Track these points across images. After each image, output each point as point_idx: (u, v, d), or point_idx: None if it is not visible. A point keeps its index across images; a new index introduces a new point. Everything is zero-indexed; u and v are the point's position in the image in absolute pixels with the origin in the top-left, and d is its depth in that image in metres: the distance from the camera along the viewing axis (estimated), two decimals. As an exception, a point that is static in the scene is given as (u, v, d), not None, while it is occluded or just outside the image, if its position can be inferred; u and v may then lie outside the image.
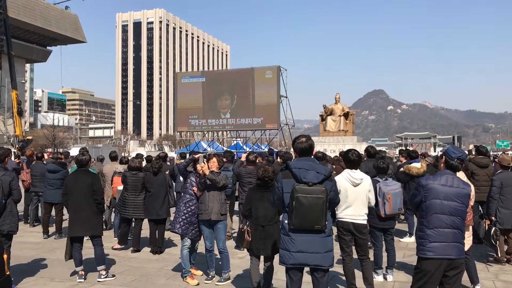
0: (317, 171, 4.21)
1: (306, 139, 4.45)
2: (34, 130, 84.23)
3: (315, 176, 4.17)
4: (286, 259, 4.29)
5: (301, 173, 4.18)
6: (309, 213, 4.10)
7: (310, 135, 5.03)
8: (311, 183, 4.13)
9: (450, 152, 4.42)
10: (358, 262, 5.96)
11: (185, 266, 6.64)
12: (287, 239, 4.27)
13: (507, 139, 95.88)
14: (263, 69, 38.65)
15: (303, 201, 4.08)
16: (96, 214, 6.90)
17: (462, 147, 48.29)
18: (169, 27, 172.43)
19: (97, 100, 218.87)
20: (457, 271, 4.23)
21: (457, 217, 4.22)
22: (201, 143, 41.79)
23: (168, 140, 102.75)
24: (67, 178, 7.20)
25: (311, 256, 4.22)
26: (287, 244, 4.27)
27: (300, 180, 4.16)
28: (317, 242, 4.22)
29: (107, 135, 54.19)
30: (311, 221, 4.12)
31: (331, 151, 27.53)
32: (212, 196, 6.47)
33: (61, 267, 7.46)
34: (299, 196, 4.09)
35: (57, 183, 10.18)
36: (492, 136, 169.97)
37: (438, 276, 4.18)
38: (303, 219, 4.12)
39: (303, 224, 4.14)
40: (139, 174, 8.88)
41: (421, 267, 4.25)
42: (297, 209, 4.10)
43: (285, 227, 4.28)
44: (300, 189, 4.11)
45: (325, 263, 4.27)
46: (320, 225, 4.14)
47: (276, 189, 4.37)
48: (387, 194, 6.29)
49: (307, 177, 4.16)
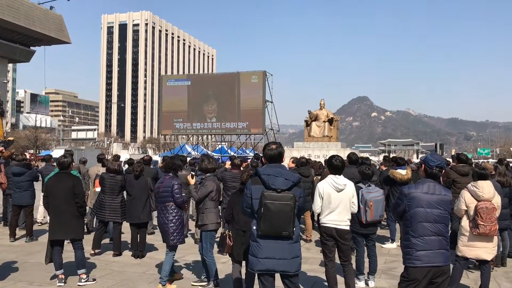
0: (285, 178, 4.23)
1: (276, 146, 4.49)
2: (16, 131, 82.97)
3: (284, 183, 4.20)
4: (254, 265, 4.31)
5: (270, 180, 4.21)
6: (277, 219, 4.12)
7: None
8: (279, 190, 4.16)
9: (429, 161, 4.45)
10: (341, 267, 5.99)
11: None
12: (255, 245, 4.29)
13: (488, 147, 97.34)
14: (249, 73, 38.70)
15: (271, 208, 4.11)
16: (77, 218, 6.81)
17: (444, 154, 48.88)
18: (155, 30, 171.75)
19: (81, 102, 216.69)
20: (444, 278, 4.28)
21: (441, 224, 4.27)
22: (185, 147, 41.63)
23: (152, 143, 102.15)
24: (48, 181, 7.11)
25: (278, 262, 4.24)
26: (255, 250, 4.29)
27: (268, 186, 4.19)
28: (284, 248, 4.25)
29: (90, 137, 53.59)
30: (279, 228, 4.15)
31: (315, 156, 27.61)
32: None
33: (41, 270, 7.35)
34: (267, 203, 4.11)
35: (25, 185, 10.05)
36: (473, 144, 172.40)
37: (425, 284, 4.22)
38: (271, 225, 4.14)
39: (271, 230, 4.16)
40: (117, 176, 8.78)
41: (408, 276, 4.28)
42: (265, 215, 4.12)
43: (254, 233, 4.30)
44: (269, 196, 4.13)
45: (291, 269, 4.30)
46: (288, 231, 4.17)
47: (245, 195, 4.39)
48: (369, 202, 6.33)
49: (275, 184, 4.18)
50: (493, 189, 6.02)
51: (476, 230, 5.86)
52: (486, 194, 5.93)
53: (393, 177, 9.08)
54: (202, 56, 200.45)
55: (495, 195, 6.00)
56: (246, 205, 4.39)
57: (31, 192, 10.31)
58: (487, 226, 5.78)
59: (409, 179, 8.99)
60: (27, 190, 10.15)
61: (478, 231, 5.83)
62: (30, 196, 10.24)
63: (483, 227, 5.78)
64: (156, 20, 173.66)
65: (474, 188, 6.02)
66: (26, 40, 58.13)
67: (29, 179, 10.27)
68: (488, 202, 5.90)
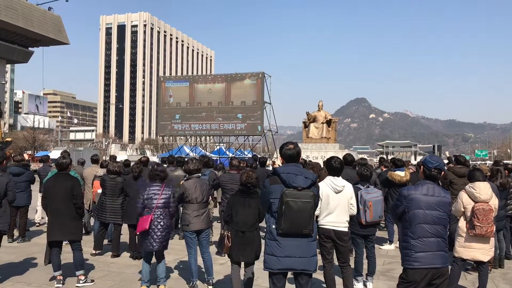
0: (305, 176, 4.25)
1: (294, 146, 4.50)
2: (14, 132, 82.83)
3: (304, 181, 4.21)
4: (272, 264, 4.28)
5: (290, 178, 4.21)
6: (298, 217, 4.13)
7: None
8: (300, 188, 4.16)
9: (427, 162, 4.45)
10: (339, 269, 6.00)
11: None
12: (274, 244, 4.27)
13: (485, 149, 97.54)
14: (247, 75, 38.70)
15: (292, 206, 4.11)
16: (75, 219, 6.80)
17: (442, 156, 48.96)
18: (154, 31, 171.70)
19: (79, 103, 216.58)
20: (443, 279, 4.29)
21: (440, 226, 4.28)
22: (183, 148, 41.59)
23: (150, 144, 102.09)
24: (47, 182, 7.10)
25: (298, 261, 4.24)
26: (274, 249, 4.27)
27: (289, 185, 4.19)
28: (304, 246, 4.25)
29: (89, 138, 53.51)
30: (300, 226, 4.15)
31: (313, 157, 27.64)
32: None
33: (39, 272, 7.34)
34: (288, 201, 4.10)
35: (22, 185, 10.05)
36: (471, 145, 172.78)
37: (423, 285, 4.23)
38: (293, 223, 4.14)
39: (292, 228, 4.16)
40: (118, 178, 8.81)
41: (407, 277, 4.28)
42: (286, 214, 4.12)
43: (273, 232, 4.28)
44: (290, 194, 4.13)
45: (310, 268, 4.31)
46: (308, 229, 4.19)
47: (264, 194, 4.39)
48: (368, 202, 6.34)
49: (296, 182, 4.18)
50: (490, 191, 6.04)
51: (472, 231, 5.89)
52: (483, 195, 5.95)
53: (391, 178, 9.10)
54: (200, 58, 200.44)
55: (492, 197, 6.02)
56: (266, 204, 4.38)
57: (28, 193, 10.34)
58: (484, 228, 5.81)
59: (408, 180, 9.01)
60: (24, 191, 10.16)
61: (475, 232, 5.86)
62: (27, 197, 10.27)
63: (480, 228, 5.81)
64: (155, 21, 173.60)
65: (472, 190, 6.03)
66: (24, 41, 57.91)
67: (27, 180, 10.28)
68: (485, 203, 5.92)
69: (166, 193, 6.38)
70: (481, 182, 6.06)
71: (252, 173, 5.83)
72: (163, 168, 6.74)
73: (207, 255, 6.67)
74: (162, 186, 6.40)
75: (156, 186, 6.39)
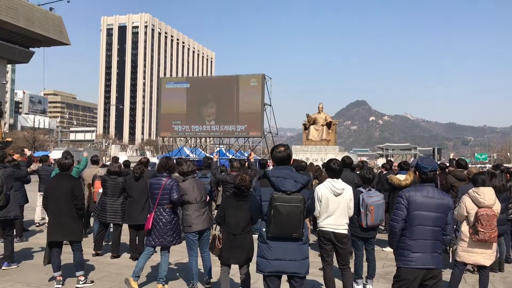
0: (295, 180, 4.23)
1: (284, 149, 4.48)
2: (14, 132, 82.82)
3: (293, 185, 4.20)
4: (263, 266, 4.30)
5: (279, 182, 4.20)
6: (287, 221, 4.12)
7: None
8: (289, 192, 4.16)
9: (422, 167, 4.40)
10: (339, 271, 6.00)
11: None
12: (265, 246, 4.28)
13: (485, 152, 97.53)
14: (248, 77, 38.68)
15: (281, 210, 4.10)
16: (76, 219, 6.80)
17: (442, 159, 48.94)
18: (155, 32, 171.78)
19: (79, 103, 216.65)
20: (435, 281, 4.31)
21: (438, 228, 4.30)
22: (183, 149, 41.60)
23: (151, 145, 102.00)
24: (49, 182, 7.10)
25: (289, 264, 4.24)
26: (265, 251, 4.28)
27: (278, 188, 4.18)
28: (294, 249, 4.25)
29: (89, 138, 53.50)
30: (289, 229, 4.15)
31: (313, 159, 27.64)
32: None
33: (39, 272, 7.34)
34: (277, 205, 4.10)
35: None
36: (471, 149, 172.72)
37: (416, 285, 4.27)
38: (281, 227, 4.14)
39: (281, 232, 4.16)
40: (118, 178, 8.82)
41: (400, 275, 4.33)
42: (275, 218, 4.12)
43: (263, 235, 4.29)
44: (279, 198, 4.13)
45: (301, 271, 4.31)
46: (298, 233, 4.18)
47: (254, 197, 4.39)
48: (370, 206, 6.34)
49: (285, 186, 4.18)
50: (494, 196, 5.96)
51: (475, 237, 5.82)
52: (487, 200, 5.88)
53: (390, 181, 9.10)
54: (201, 59, 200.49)
55: (495, 202, 5.98)
56: (256, 207, 4.39)
57: (22, 193, 10.33)
58: (487, 233, 5.75)
59: (407, 185, 8.99)
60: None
61: (478, 238, 5.80)
62: (21, 196, 10.23)
63: (483, 234, 5.76)
64: (156, 23, 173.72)
65: (476, 194, 5.95)
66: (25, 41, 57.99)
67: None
68: (489, 209, 5.85)
69: (169, 185, 6.48)
70: (485, 187, 5.99)
71: (246, 176, 5.84)
72: (173, 163, 6.97)
73: (206, 255, 6.68)
74: (166, 179, 6.52)
75: (162, 178, 6.56)
